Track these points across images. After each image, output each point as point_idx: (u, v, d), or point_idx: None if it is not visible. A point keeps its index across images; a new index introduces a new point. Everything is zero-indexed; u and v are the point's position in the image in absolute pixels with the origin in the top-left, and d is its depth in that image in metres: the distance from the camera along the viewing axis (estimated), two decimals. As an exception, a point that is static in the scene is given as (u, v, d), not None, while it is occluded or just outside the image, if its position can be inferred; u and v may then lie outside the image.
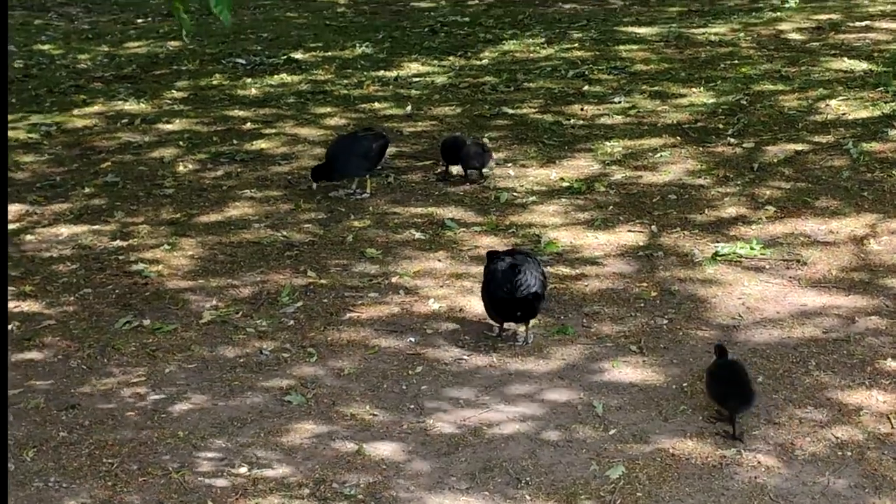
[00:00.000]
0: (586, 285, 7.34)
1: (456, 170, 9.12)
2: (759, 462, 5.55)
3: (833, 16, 13.79)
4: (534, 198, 8.70)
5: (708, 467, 5.53)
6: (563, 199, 8.66)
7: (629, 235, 8.02)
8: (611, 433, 5.81)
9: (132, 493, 5.48)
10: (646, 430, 5.82)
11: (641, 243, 7.90)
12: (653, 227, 8.13)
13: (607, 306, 7.08)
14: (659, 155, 9.43)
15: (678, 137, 9.81)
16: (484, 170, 9.00)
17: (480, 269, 7.48)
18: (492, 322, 6.84)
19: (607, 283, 7.36)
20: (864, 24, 13.38)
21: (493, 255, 6.83)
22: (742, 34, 13.09)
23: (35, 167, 9.61)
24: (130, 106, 11.18)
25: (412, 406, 6.10)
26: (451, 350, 6.63)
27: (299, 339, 6.79)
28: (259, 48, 13.17)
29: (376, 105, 11.00)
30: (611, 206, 8.49)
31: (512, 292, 6.50)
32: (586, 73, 11.82)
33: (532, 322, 6.76)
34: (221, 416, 6.05)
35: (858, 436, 5.74)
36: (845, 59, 11.92)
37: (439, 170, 9.19)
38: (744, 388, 5.79)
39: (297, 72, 12.22)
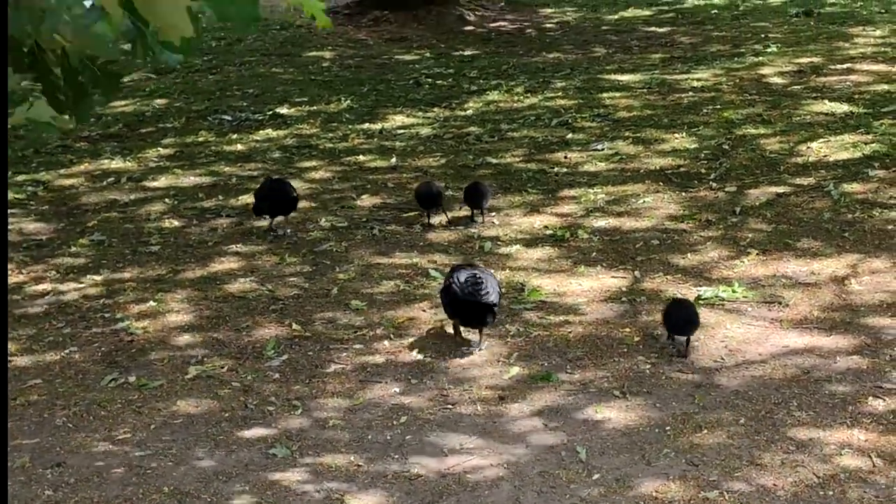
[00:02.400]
0: (569, 331, 7.38)
1: (437, 220, 9.19)
2: (741, 503, 5.58)
3: (814, 59, 13.90)
4: (517, 246, 8.75)
5: (691, 510, 5.56)
6: (547, 247, 8.71)
7: (612, 281, 8.07)
8: (594, 478, 5.84)
9: (117, 550, 5.50)
10: (629, 475, 5.84)
11: (624, 289, 7.95)
12: (635, 272, 8.18)
13: (590, 352, 7.12)
14: (642, 201, 9.50)
15: (661, 183, 9.89)
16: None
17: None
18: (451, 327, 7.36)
19: (590, 329, 7.40)
20: (844, 66, 13.48)
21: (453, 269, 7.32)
22: (724, 79, 13.19)
23: (21, 226, 9.65)
24: (116, 164, 11.24)
25: (396, 456, 6.12)
26: (435, 399, 6.66)
27: (284, 392, 6.82)
28: (244, 104, 13.25)
29: (361, 157, 11.07)
30: (594, 253, 8.55)
31: (476, 296, 6.98)
32: (570, 121, 11.90)
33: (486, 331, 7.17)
34: (207, 471, 6.07)
35: (840, 475, 5.76)
36: (826, 101, 12.01)
37: (426, 220, 9.25)
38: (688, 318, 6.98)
39: (283, 127, 12.30)
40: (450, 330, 7.41)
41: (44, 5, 3.56)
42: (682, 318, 7.02)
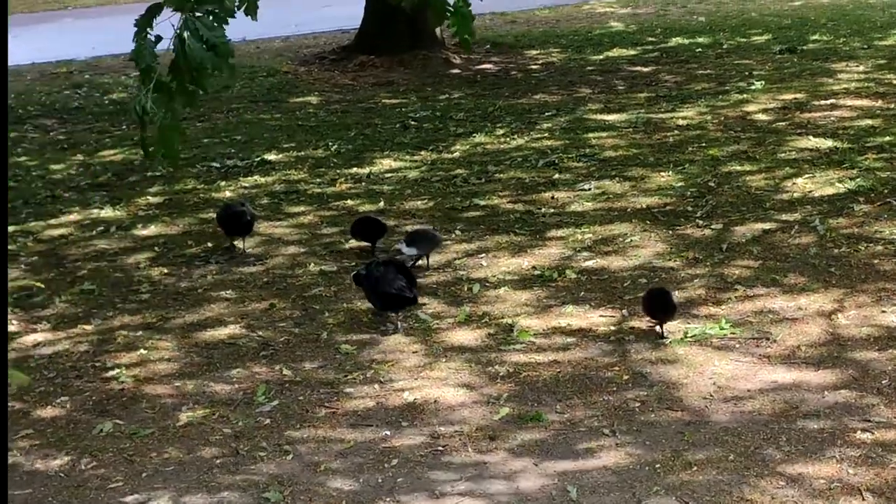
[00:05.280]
0: (559, 371, 7.41)
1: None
2: (732, 539, 5.60)
3: (798, 95, 14.00)
4: (506, 287, 8.79)
5: (682, 547, 5.58)
6: (536, 287, 8.74)
7: (600, 320, 8.11)
8: (585, 517, 5.86)
9: None
10: (620, 513, 5.87)
11: (613, 327, 7.98)
12: (623, 311, 8.22)
13: (580, 391, 7.15)
14: (629, 239, 9.55)
15: (647, 221, 9.93)
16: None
17: (455, 359, 7.60)
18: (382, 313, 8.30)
19: (580, 369, 7.43)
20: (828, 102, 13.59)
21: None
22: (709, 117, 13.28)
23: (11, 277, 9.66)
24: (105, 213, 11.27)
25: (388, 498, 6.14)
26: (426, 441, 6.68)
27: (275, 438, 6.84)
28: (232, 151, 13.29)
29: (349, 202, 11.12)
30: (582, 292, 8.59)
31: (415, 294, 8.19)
32: (556, 161, 11.96)
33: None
34: (199, 518, 6.09)
35: (830, 509, 5.79)
36: (811, 137, 12.10)
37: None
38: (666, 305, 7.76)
39: (271, 173, 12.34)
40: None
41: None
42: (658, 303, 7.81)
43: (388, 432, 6.82)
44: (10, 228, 10.91)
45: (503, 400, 7.09)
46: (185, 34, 7.01)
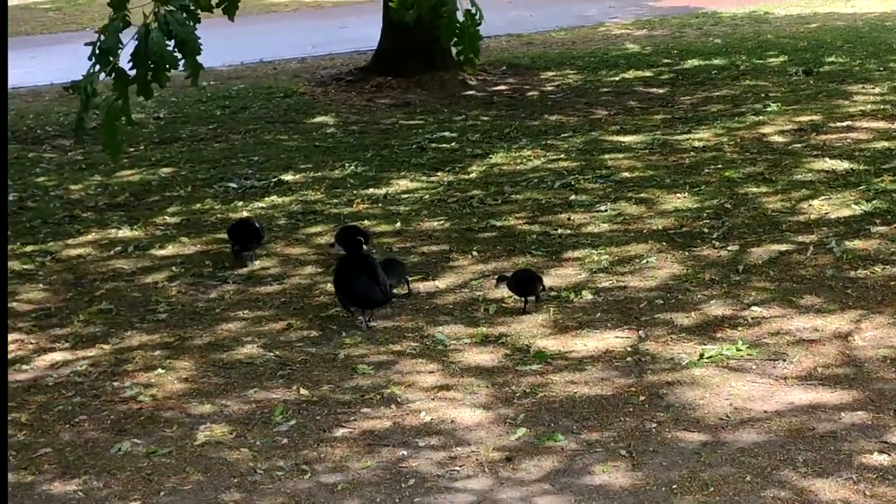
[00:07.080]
0: (575, 392, 7.43)
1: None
2: (749, 560, 5.61)
3: (814, 117, 14.01)
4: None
5: (699, 568, 5.59)
6: (552, 308, 8.76)
7: (617, 341, 8.12)
8: (602, 538, 5.87)
9: None
10: (636, 534, 5.88)
11: (629, 348, 8.00)
12: (640, 332, 8.23)
13: (596, 412, 7.16)
14: (645, 261, 9.56)
15: (664, 243, 9.95)
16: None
17: (471, 380, 7.62)
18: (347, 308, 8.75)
19: (596, 390, 7.45)
20: (844, 124, 13.60)
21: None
22: (725, 139, 13.30)
23: (30, 296, 9.71)
24: (123, 233, 11.32)
25: (405, 519, 6.17)
26: (443, 461, 6.70)
27: (293, 457, 6.86)
28: (250, 171, 13.34)
29: (366, 222, 11.14)
30: (598, 313, 8.60)
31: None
32: (572, 182, 11.98)
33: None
34: (216, 537, 6.11)
35: (847, 530, 5.80)
36: (827, 159, 12.11)
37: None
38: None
39: (288, 193, 12.39)
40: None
41: None
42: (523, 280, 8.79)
43: (405, 452, 6.84)
44: (29, 248, 10.97)
45: (519, 421, 7.11)
46: (153, 25, 6.95)
